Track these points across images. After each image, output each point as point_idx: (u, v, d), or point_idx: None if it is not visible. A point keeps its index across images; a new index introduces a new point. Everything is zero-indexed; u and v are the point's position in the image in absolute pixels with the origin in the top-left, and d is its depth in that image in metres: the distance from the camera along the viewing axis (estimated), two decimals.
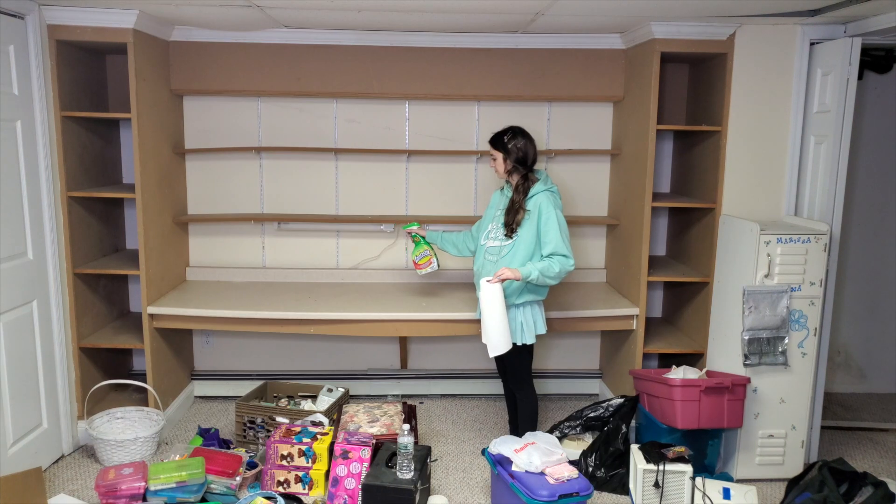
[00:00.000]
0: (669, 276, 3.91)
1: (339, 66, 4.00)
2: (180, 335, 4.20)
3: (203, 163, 4.25)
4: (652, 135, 3.67)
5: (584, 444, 3.58)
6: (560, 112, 4.27)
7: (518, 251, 3.19)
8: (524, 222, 3.19)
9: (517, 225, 3.20)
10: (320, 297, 3.97)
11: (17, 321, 3.22)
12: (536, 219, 3.17)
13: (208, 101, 4.17)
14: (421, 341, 4.47)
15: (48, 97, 3.40)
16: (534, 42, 4.01)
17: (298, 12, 3.41)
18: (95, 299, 3.87)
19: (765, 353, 3.30)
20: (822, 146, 3.51)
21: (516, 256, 3.19)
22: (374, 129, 4.25)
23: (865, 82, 4.19)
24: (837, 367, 4.57)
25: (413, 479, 2.97)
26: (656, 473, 3.08)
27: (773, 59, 3.57)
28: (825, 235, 3.29)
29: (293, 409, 3.78)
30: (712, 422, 3.24)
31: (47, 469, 3.44)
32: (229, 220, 4.22)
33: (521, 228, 3.19)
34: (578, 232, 4.41)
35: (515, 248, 3.20)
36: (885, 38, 3.43)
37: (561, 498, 2.81)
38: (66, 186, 3.52)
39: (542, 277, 3.11)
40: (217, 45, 3.96)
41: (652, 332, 4.09)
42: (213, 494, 3.09)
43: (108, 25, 3.41)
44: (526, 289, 3.22)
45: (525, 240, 3.18)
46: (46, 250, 3.42)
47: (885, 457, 3.75)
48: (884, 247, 4.47)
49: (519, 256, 3.19)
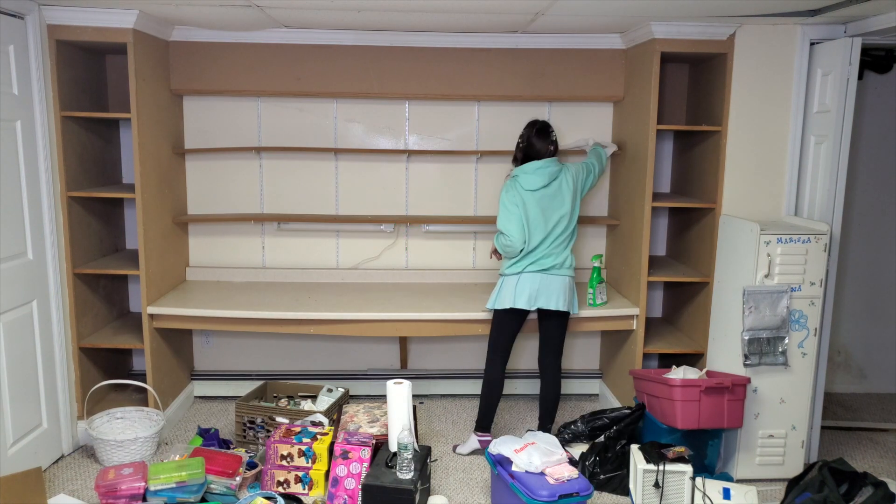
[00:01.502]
0: (669, 276, 3.91)
1: (339, 66, 4.00)
2: (180, 335, 4.20)
3: (203, 163, 4.25)
4: (652, 135, 3.66)
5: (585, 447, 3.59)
6: (560, 112, 4.27)
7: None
8: None
9: None
10: (320, 297, 3.97)
11: (17, 321, 3.22)
12: None
13: (208, 101, 4.17)
14: (421, 341, 4.47)
15: (48, 97, 3.40)
16: (534, 42, 4.01)
17: (298, 12, 3.41)
18: (95, 299, 3.87)
19: (765, 354, 3.30)
20: (822, 146, 3.50)
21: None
22: (374, 129, 4.25)
23: (865, 82, 4.19)
24: (837, 367, 4.57)
25: (413, 479, 2.97)
26: (656, 473, 3.08)
27: (773, 59, 3.57)
28: (825, 235, 3.29)
29: (293, 409, 3.78)
30: (712, 422, 3.24)
31: (47, 469, 3.44)
32: (229, 220, 4.21)
33: None
34: (578, 232, 4.39)
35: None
36: (885, 38, 3.43)
37: (561, 498, 2.81)
38: (65, 186, 3.52)
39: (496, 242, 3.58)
40: (217, 45, 3.96)
41: (652, 332, 4.09)
42: (213, 494, 3.09)
43: (108, 25, 3.41)
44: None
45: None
46: (46, 250, 3.42)
47: (885, 457, 3.75)
48: (884, 247, 4.47)
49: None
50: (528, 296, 3.46)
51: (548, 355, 3.66)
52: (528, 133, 3.52)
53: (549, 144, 3.50)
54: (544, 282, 3.47)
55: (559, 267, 3.50)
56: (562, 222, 3.48)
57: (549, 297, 3.48)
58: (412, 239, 4.39)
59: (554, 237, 3.47)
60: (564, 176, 3.50)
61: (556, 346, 3.65)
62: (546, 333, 3.64)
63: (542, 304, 3.48)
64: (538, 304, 3.48)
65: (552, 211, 3.46)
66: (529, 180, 3.44)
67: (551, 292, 3.48)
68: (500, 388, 3.62)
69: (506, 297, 3.49)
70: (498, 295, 3.54)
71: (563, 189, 3.49)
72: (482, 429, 3.66)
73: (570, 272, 3.55)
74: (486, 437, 3.63)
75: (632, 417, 3.49)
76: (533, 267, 3.46)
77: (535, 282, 3.46)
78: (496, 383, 3.61)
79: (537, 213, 3.44)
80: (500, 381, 3.62)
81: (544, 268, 3.47)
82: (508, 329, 3.58)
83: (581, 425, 3.66)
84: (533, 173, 3.45)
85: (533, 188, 3.44)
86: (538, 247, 3.46)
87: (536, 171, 3.45)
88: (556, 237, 3.48)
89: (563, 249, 3.51)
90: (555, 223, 3.46)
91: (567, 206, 3.49)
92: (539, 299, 3.48)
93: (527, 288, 3.46)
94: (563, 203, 3.48)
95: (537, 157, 3.49)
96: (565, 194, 3.49)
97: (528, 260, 3.46)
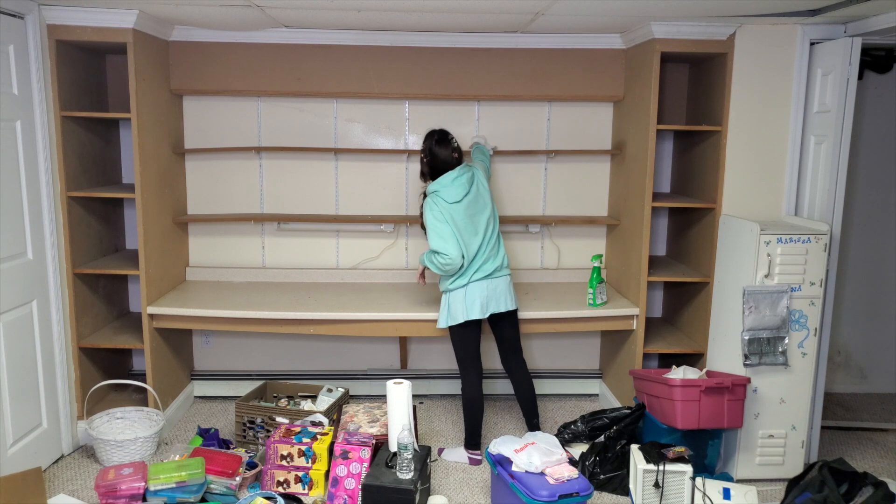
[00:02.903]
0: (669, 276, 3.91)
1: (339, 66, 4.00)
2: (180, 335, 4.20)
3: (203, 163, 4.24)
4: (652, 135, 3.66)
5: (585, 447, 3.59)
6: (560, 112, 4.27)
7: None
8: None
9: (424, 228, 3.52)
10: (320, 297, 3.97)
11: (17, 321, 3.22)
12: None
13: (208, 101, 4.16)
14: (421, 341, 4.47)
15: (48, 97, 3.40)
16: (534, 42, 4.01)
17: (298, 12, 3.41)
18: (95, 299, 3.87)
19: (765, 353, 3.30)
20: (822, 146, 3.50)
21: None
22: (374, 129, 4.25)
23: (865, 82, 4.19)
24: (837, 367, 4.57)
25: (413, 479, 2.97)
26: (656, 473, 3.08)
27: (773, 59, 3.57)
28: (825, 235, 3.29)
29: (293, 409, 3.78)
30: (712, 422, 3.24)
31: (47, 469, 3.44)
32: (229, 220, 4.21)
33: None
34: (579, 232, 4.41)
35: None
36: (885, 38, 3.43)
37: (561, 498, 2.81)
38: (65, 186, 3.52)
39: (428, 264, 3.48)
40: (217, 45, 3.96)
41: (652, 332, 4.09)
42: (213, 494, 3.09)
43: (107, 25, 3.41)
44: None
45: None
46: (46, 250, 3.42)
47: (885, 457, 3.75)
48: (884, 247, 4.47)
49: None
50: (480, 304, 3.44)
51: (510, 355, 3.67)
52: (429, 144, 3.51)
53: (453, 152, 3.51)
54: (491, 287, 3.47)
55: (500, 268, 3.51)
56: (490, 224, 3.49)
57: (499, 300, 3.49)
58: (412, 239, 4.38)
59: (487, 241, 3.47)
60: (478, 178, 3.52)
61: (516, 343, 3.66)
62: (502, 335, 3.64)
63: (494, 309, 3.48)
64: (490, 310, 3.47)
65: (479, 216, 3.46)
66: (450, 193, 3.42)
67: (499, 295, 3.49)
68: (481, 403, 3.58)
69: (458, 311, 3.45)
70: (449, 312, 3.48)
71: (482, 191, 3.50)
72: (472, 447, 3.61)
73: (508, 270, 3.57)
74: (477, 456, 3.59)
75: (632, 417, 3.49)
76: (478, 275, 3.44)
77: (483, 289, 3.45)
78: (475, 400, 3.56)
79: (466, 222, 3.42)
80: (480, 397, 3.57)
81: (488, 273, 3.46)
82: (471, 340, 3.55)
83: (581, 425, 3.66)
84: (451, 185, 3.43)
85: (457, 199, 3.42)
86: (476, 255, 3.44)
87: (454, 181, 3.43)
88: (488, 240, 3.48)
89: (498, 250, 3.53)
90: (484, 227, 3.46)
91: (489, 207, 3.50)
92: (490, 305, 3.47)
93: (477, 297, 3.44)
94: (485, 205, 3.49)
95: (445, 167, 3.46)
96: (484, 196, 3.50)
97: (471, 270, 3.43)
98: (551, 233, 4.41)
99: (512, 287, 3.58)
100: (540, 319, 3.79)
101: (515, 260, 4.41)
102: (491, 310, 3.48)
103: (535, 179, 4.35)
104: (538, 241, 4.42)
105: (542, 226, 4.37)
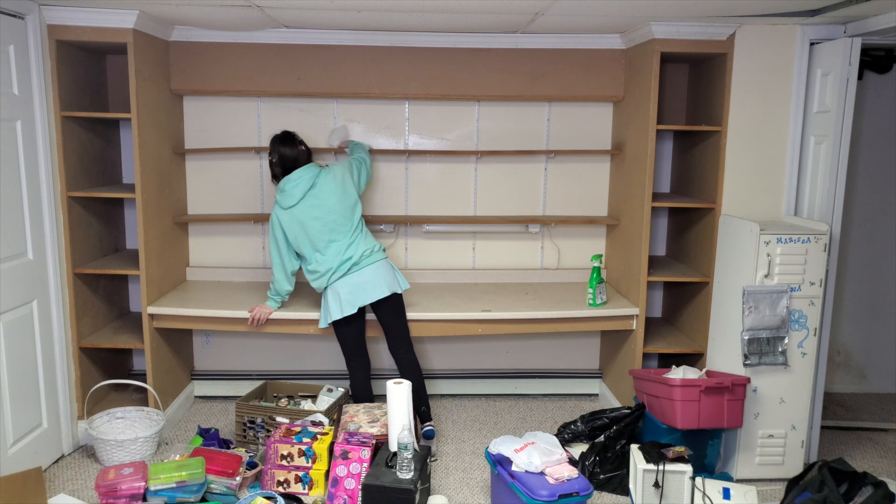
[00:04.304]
0: (669, 276, 3.91)
1: (339, 66, 4.00)
2: (180, 335, 4.20)
3: (203, 163, 4.25)
4: (652, 135, 3.67)
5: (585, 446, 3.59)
6: (560, 112, 4.28)
7: None
8: None
9: None
10: (320, 296, 3.96)
11: (17, 321, 3.22)
12: None
13: (208, 101, 4.17)
14: (421, 341, 4.47)
15: (48, 97, 3.40)
16: (534, 42, 4.01)
17: (298, 12, 3.41)
18: (95, 299, 3.87)
19: (765, 353, 3.30)
20: (821, 146, 3.51)
21: None
22: (374, 129, 4.25)
23: (865, 82, 4.19)
24: (837, 367, 4.57)
25: (413, 479, 2.97)
26: (656, 473, 3.08)
27: (773, 59, 3.57)
28: (825, 235, 3.29)
29: (293, 409, 3.78)
30: (712, 422, 3.24)
31: (47, 469, 3.44)
32: (229, 220, 4.22)
33: None
34: (578, 232, 4.41)
35: None
36: (885, 38, 3.43)
37: (561, 498, 2.81)
38: (66, 186, 3.52)
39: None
40: (217, 45, 3.96)
41: (652, 332, 4.09)
42: (213, 494, 3.09)
43: (108, 25, 3.41)
44: None
45: None
46: (46, 250, 3.42)
47: (885, 457, 3.75)
48: (884, 247, 4.47)
49: None
50: (350, 301, 3.46)
51: (394, 342, 3.65)
52: (274, 146, 3.53)
53: (299, 145, 3.52)
54: (353, 281, 3.47)
55: (364, 257, 3.49)
56: (338, 220, 3.47)
57: (368, 290, 3.48)
58: (412, 239, 4.39)
59: (342, 236, 3.48)
60: (324, 178, 3.49)
61: (401, 331, 3.64)
62: (386, 323, 3.62)
63: (364, 301, 3.48)
64: (359, 303, 3.47)
65: (326, 214, 3.45)
66: (286, 198, 3.44)
67: (367, 284, 3.47)
68: (370, 391, 3.64)
69: (333, 309, 3.47)
70: (325, 311, 3.52)
71: (325, 190, 3.47)
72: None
73: (380, 255, 3.55)
74: None
75: (632, 417, 3.49)
76: (336, 275, 3.46)
77: (346, 286, 3.46)
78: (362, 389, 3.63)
79: (311, 222, 3.44)
80: (368, 387, 3.64)
81: (347, 270, 3.46)
82: (353, 333, 3.57)
83: (581, 425, 3.66)
84: (287, 190, 3.45)
85: (292, 203, 3.43)
86: (329, 254, 3.46)
87: (295, 183, 3.44)
88: (343, 235, 3.48)
89: (357, 243, 3.50)
90: (333, 224, 3.46)
91: (336, 204, 3.47)
92: (358, 298, 3.47)
93: (342, 294, 3.46)
94: (331, 201, 3.46)
95: (294, 165, 3.48)
96: (329, 194, 3.47)
97: (329, 270, 3.46)
98: (551, 233, 4.41)
99: (389, 271, 3.55)
100: (540, 319, 3.79)
101: (516, 260, 4.41)
102: (360, 303, 3.47)
103: (535, 179, 4.35)
104: (538, 241, 4.42)
105: (542, 226, 4.37)
